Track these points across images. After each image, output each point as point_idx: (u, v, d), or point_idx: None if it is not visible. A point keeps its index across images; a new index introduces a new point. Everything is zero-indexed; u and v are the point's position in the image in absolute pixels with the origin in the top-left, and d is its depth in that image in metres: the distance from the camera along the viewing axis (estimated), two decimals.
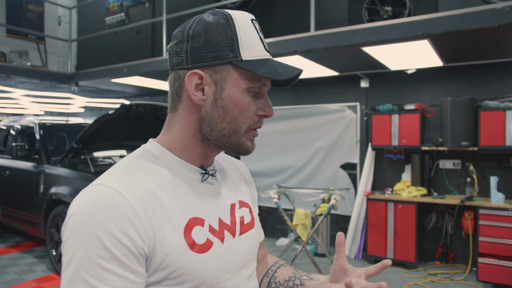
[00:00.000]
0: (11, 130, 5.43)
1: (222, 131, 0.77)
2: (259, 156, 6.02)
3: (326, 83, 5.42)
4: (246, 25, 0.76)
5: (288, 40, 3.91)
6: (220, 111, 0.76)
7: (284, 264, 1.04)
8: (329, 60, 4.29)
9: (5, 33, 6.09)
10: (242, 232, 0.86)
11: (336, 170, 5.36)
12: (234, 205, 0.87)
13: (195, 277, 0.72)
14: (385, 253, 4.63)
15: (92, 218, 0.64)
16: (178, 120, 0.80)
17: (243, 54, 0.74)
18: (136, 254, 0.65)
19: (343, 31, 3.63)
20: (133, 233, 0.65)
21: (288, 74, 0.75)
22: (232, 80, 0.75)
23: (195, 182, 0.80)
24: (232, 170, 0.97)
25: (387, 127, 4.77)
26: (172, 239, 0.70)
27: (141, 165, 0.76)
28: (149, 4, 6.82)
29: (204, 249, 0.74)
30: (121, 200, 0.66)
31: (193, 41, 0.75)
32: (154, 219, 0.69)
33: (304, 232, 3.88)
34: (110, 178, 0.70)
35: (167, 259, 0.69)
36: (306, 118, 5.59)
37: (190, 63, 0.76)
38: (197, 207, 0.77)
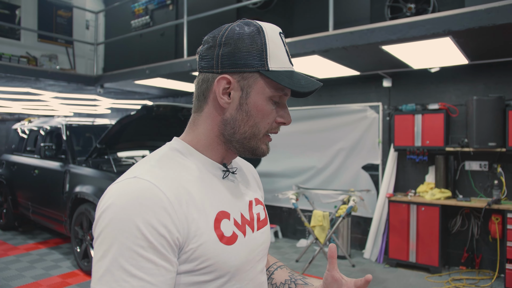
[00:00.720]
0: (41, 131, 5.65)
1: (244, 134, 0.82)
2: (280, 157, 6.00)
3: (347, 83, 5.34)
4: (274, 37, 0.81)
5: (306, 40, 3.88)
6: (244, 115, 0.81)
7: (282, 266, 1.08)
8: (349, 60, 4.23)
9: (37, 38, 6.34)
10: (259, 227, 0.91)
11: (357, 171, 5.27)
12: (251, 202, 0.93)
13: (222, 268, 0.76)
14: (407, 257, 4.51)
15: (131, 209, 0.67)
16: (203, 120, 0.85)
17: (270, 64, 0.79)
18: (172, 244, 0.69)
19: (362, 30, 3.57)
20: (170, 224, 0.69)
21: (310, 87, 0.80)
22: (258, 87, 0.80)
23: (218, 178, 0.85)
24: (245, 169, 1.03)
25: (410, 128, 4.65)
26: (204, 231, 0.74)
27: (170, 161, 0.81)
28: (173, 7, 6.94)
29: (230, 241, 0.79)
30: (159, 193, 0.70)
31: (224, 48, 0.80)
32: (188, 212, 0.73)
33: (322, 233, 3.83)
34: (145, 172, 0.74)
35: (198, 250, 0.73)
36: (328, 118, 5.53)
37: (220, 68, 0.80)
38: (223, 202, 0.82)
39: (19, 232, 6.14)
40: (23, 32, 6.18)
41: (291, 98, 4.49)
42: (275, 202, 5.99)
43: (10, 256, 4.96)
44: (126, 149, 5.31)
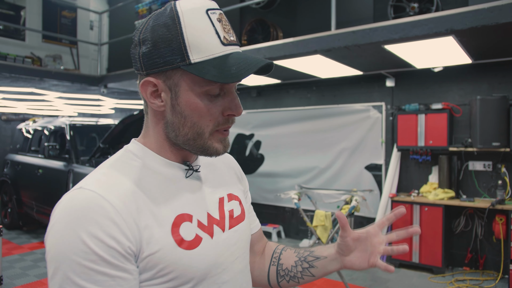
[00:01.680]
0: (45, 131, 5.69)
1: (186, 136, 0.75)
2: (283, 157, 6.00)
3: (350, 83, 5.33)
4: (196, 20, 0.69)
5: (308, 39, 3.87)
6: (180, 117, 0.74)
7: (284, 248, 1.03)
8: (351, 59, 4.22)
9: (41, 39, 6.38)
10: (231, 226, 0.85)
11: (360, 171, 5.25)
12: (222, 199, 0.87)
13: (184, 274, 0.72)
14: (410, 257, 4.49)
15: (76, 222, 0.63)
16: (150, 124, 0.79)
17: (192, 56, 0.69)
18: (124, 254, 0.65)
19: (364, 29, 3.56)
20: (118, 235, 0.65)
21: (241, 75, 0.68)
22: (185, 85, 0.71)
23: (180, 179, 0.79)
24: (221, 163, 0.96)
25: (413, 127, 4.63)
26: (160, 237, 0.69)
27: (123, 165, 0.75)
28: None
29: (193, 245, 0.74)
30: (103, 203, 0.65)
31: (143, 46, 0.72)
32: (139, 219, 0.68)
33: (324, 233, 3.82)
34: (92, 182, 0.69)
35: (155, 257, 0.68)
36: (330, 118, 5.52)
37: (144, 70, 0.73)
38: (184, 203, 0.76)
39: (24, 231, 6.18)
40: (27, 33, 6.22)
41: (294, 98, 4.43)
42: (278, 202, 5.99)
43: (15, 255, 4.99)
44: None
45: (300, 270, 0.96)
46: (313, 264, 0.95)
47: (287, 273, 0.98)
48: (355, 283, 4.12)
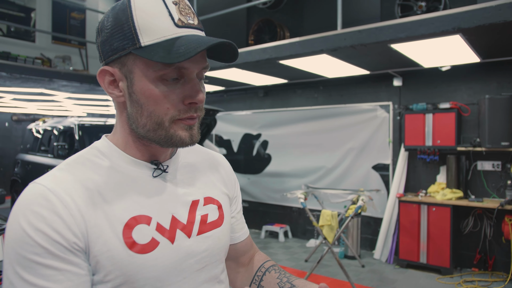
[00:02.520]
0: (54, 131, 5.76)
1: (145, 127, 0.71)
2: (290, 157, 6.00)
3: (357, 83, 5.31)
4: (148, 3, 0.67)
5: (314, 39, 3.87)
6: (137, 106, 0.70)
7: (270, 268, 0.96)
8: (358, 59, 4.20)
9: (51, 40, 6.46)
10: (201, 231, 0.79)
11: (368, 171, 5.23)
12: (197, 202, 0.81)
13: (134, 279, 0.67)
14: (418, 257, 4.46)
15: (22, 216, 0.62)
16: (117, 118, 0.77)
17: (142, 39, 0.66)
18: (71, 249, 0.63)
19: (370, 28, 3.54)
20: (64, 230, 0.63)
21: (189, 53, 0.64)
22: (138, 70, 0.68)
23: (145, 178, 0.75)
24: (206, 164, 0.91)
25: (420, 127, 4.59)
26: (109, 238, 0.66)
27: (84, 162, 0.73)
28: None
29: (146, 249, 0.69)
30: (50, 197, 0.64)
31: (101, 35, 0.71)
32: (89, 216, 0.66)
33: (330, 233, 3.82)
34: (46, 177, 0.68)
35: (103, 258, 0.66)
36: (338, 118, 5.50)
37: (103, 59, 0.71)
38: (143, 205, 0.72)
39: None
40: (37, 34, 6.30)
41: (301, 97, 4.40)
42: (285, 202, 5.99)
43: None
44: None
45: None
46: None
47: None
48: (362, 283, 4.10)
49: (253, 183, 6.49)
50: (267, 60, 4.34)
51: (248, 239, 1.02)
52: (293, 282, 0.89)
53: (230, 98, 6.84)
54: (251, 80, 5.65)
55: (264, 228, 6.03)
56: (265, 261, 0.99)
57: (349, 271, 4.44)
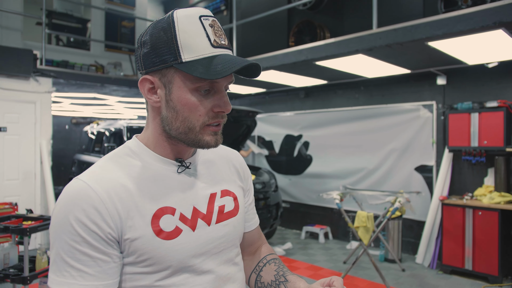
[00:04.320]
0: (106, 132, 6.16)
1: (178, 129, 0.82)
2: (331, 158, 5.96)
3: (399, 82, 5.17)
4: (190, 25, 0.78)
5: (349, 39, 3.84)
6: (172, 112, 0.81)
7: (271, 260, 1.05)
8: (395, 58, 4.11)
9: (104, 48, 6.92)
10: (219, 220, 0.91)
11: (410, 173, 5.07)
12: (214, 194, 0.92)
13: (161, 261, 0.79)
14: (463, 263, 4.26)
15: (67, 208, 0.75)
16: (150, 120, 0.88)
17: (183, 56, 0.77)
18: (105, 238, 0.75)
19: (406, 27, 3.47)
20: (100, 221, 0.75)
21: (225, 72, 0.75)
22: (177, 82, 0.79)
23: (171, 174, 0.86)
24: (223, 160, 1.02)
25: (465, 127, 4.39)
26: (140, 227, 0.78)
27: (118, 160, 0.84)
28: (227, 12, 7.19)
29: (171, 236, 0.81)
30: (90, 193, 0.75)
31: (144, 48, 0.81)
32: (122, 209, 0.77)
33: (366, 235, 3.77)
34: (87, 173, 0.80)
35: (134, 244, 0.77)
36: (379, 118, 5.39)
37: (144, 69, 0.82)
38: (168, 197, 0.83)
39: None
40: (92, 43, 6.78)
41: (342, 98, 4.42)
42: (325, 203, 5.96)
43: None
44: None
45: None
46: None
47: (263, 287, 1.02)
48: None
49: (294, 184, 6.52)
50: (303, 62, 4.37)
51: (256, 230, 1.11)
52: (287, 277, 0.98)
53: (272, 99, 6.92)
54: (291, 81, 5.70)
55: (305, 229, 6.04)
56: (268, 254, 1.09)
57: (388, 274, 4.35)
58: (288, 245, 5.48)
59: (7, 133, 4.93)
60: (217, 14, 7.45)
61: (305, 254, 5.17)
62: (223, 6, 7.28)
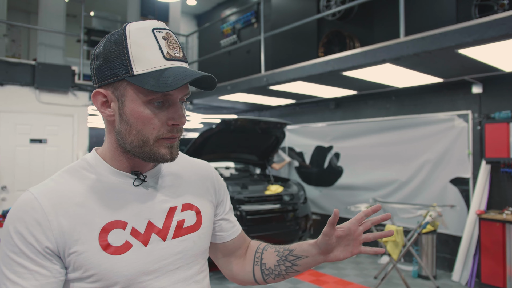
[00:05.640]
0: None
1: (132, 143, 0.80)
2: (361, 169, 5.83)
3: (432, 91, 5.01)
4: (142, 38, 0.77)
5: (376, 49, 3.77)
6: (126, 125, 0.80)
7: (265, 247, 1.07)
8: (425, 66, 3.99)
9: None
10: (177, 235, 0.87)
11: (445, 186, 4.86)
12: (174, 208, 0.89)
13: (107, 277, 0.77)
14: (504, 283, 4.01)
15: (10, 219, 0.75)
16: (106, 134, 0.87)
17: (135, 68, 0.76)
18: (42, 252, 0.74)
19: (434, 34, 3.36)
20: (39, 234, 0.74)
21: (176, 84, 0.74)
22: (130, 95, 0.78)
23: (126, 187, 0.84)
24: (190, 173, 0.99)
25: (504, 137, 4.17)
26: (86, 241, 0.76)
27: (73, 173, 0.83)
28: (257, 25, 7.28)
29: (119, 251, 0.78)
30: (35, 205, 0.75)
31: (97, 61, 0.81)
32: (67, 223, 0.76)
33: (395, 249, 3.64)
34: (38, 186, 0.80)
35: (79, 259, 0.76)
36: (411, 129, 5.22)
37: (97, 82, 0.81)
38: (121, 211, 0.81)
39: None
40: None
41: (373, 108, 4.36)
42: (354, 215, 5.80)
43: None
44: (210, 160, 5.68)
45: (284, 269, 1.01)
46: (295, 263, 0.99)
47: (271, 272, 1.02)
48: None
49: (325, 195, 6.42)
50: (330, 72, 4.33)
51: (240, 235, 1.09)
52: (289, 247, 1.01)
53: (302, 110, 6.89)
54: (320, 92, 5.65)
55: None
56: (259, 244, 1.09)
57: None
58: None
59: (47, 144, 5.20)
60: (248, 27, 7.56)
61: (335, 268, 5.05)
62: (254, 19, 7.38)
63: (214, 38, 8.34)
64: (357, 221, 0.93)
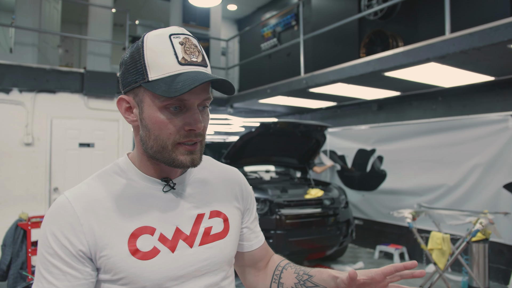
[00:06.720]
0: None
1: (152, 148, 0.81)
2: (406, 173, 5.59)
3: (482, 91, 4.72)
4: (157, 44, 0.78)
5: (419, 47, 3.62)
6: (146, 131, 0.81)
7: (285, 266, 1.03)
8: (474, 64, 3.77)
9: None
10: (204, 242, 0.88)
11: (498, 191, 4.54)
12: (202, 215, 0.90)
13: (136, 281, 0.79)
14: None
15: (46, 221, 0.79)
16: (134, 139, 0.88)
17: (150, 75, 0.77)
18: (75, 254, 0.77)
19: (483, 30, 3.17)
20: (72, 236, 0.77)
21: (184, 89, 0.73)
22: (147, 100, 0.80)
23: (155, 193, 0.86)
24: (218, 180, 0.99)
25: None
26: (115, 245, 0.78)
27: (105, 177, 0.86)
28: (298, 27, 7.23)
29: (147, 256, 0.80)
30: (68, 208, 0.78)
31: (122, 68, 0.84)
32: (98, 226, 0.78)
33: (442, 258, 3.45)
34: (72, 189, 0.83)
35: (109, 262, 0.78)
36: (460, 131, 4.94)
37: (122, 88, 0.84)
38: (149, 217, 0.83)
39: None
40: None
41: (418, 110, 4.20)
42: (401, 221, 5.58)
43: None
44: (250, 164, 5.69)
45: None
46: None
47: None
48: None
49: (367, 200, 6.22)
50: (371, 73, 4.21)
51: (263, 246, 1.08)
52: (309, 273, 0.95)
53: (343, 113, 6.74)
54: (362, 94, 5.51)
55: (378, 248, 5.72)
56: (281, 261, 1.06)
57: None
58: (359, 264, 5.23)
59: (94, 148, 5.46)
60: (288, 30, 7.54)
61: None
62: (294, 21, 7.35)
63: (254, 42, 8.39)
64: (384, 274, 0.83)
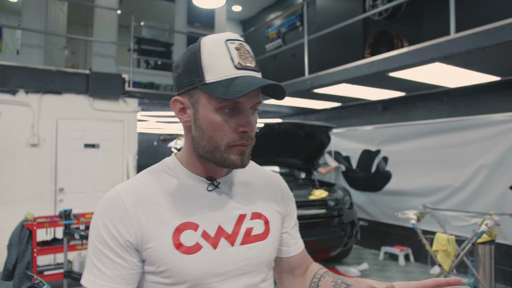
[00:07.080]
0: None
1: (204, 148, 0.85)
2: (412, 174, 5.56)
3: (488, 91, 4.68)
4: (214, 48, 0.81)
5: (423, 47, 3.60)
6: (199, 131, 0.85)
7: (324, 274, 1.03)
8: (479, 64, 3.73)
9: None
10: (245, 242, 0.90)
11: (504, 192, 4.50)
12: (244, 216, 0.92)
13: (178, 274, 0.82)
14: None
15: (97, 212, 0.84)
16: (184, 138, 0.93)
17: (207, 77, 0.81)
18: (123, 244, 0.81)
19: (489, 29, 3.14)
20: (121, 228, 0.81)
21: (242, 92, 0.77)
22: (202, 102, 0.83)
23: (201, 191, 0.89)
24: (261, 183, 1.02)
25: None
26: (160, 238, 0.82)
27: (154, 174, 0.90)
28: (302, 28, 7.22)
29: (190, 251, 0.83)
30: (118, 201, 0.83)
31: (177, 71, 0.87)
32: (145, 219, 0.82)
33: (447, 260, 3.42)
34: (123, 183, 0.88)
35: (154, 254, 0.82)
36: (466, 131, 4.90)
37: (177, 90, 0.88)
38: (194, 213, 0.86)
39: None
40: None
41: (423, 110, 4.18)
42: (406, 222, 5.54)
43: None
44: None
45: None
46: None
47: None
48: None
49: (372, 201, 6.19)
50: (376, 74, 4.19)
51: (302, 253, 1.09)
52: (347, 282, 0.94)
53: (348, 113, 6.72)
54: (367, 94, 5.49)
55: (383, 250, 5.69)
56: (319, 269, 1.06)
57: None
58: (364, 265, 5.20)
59: (99, 149, 5.48)
60: (293, 30, 7.53)
61: (382, 277, 4.85)
62: (299, 22, 7.34)
63: (259, 42, 8.39)
64: (424, 287, 0.76)
